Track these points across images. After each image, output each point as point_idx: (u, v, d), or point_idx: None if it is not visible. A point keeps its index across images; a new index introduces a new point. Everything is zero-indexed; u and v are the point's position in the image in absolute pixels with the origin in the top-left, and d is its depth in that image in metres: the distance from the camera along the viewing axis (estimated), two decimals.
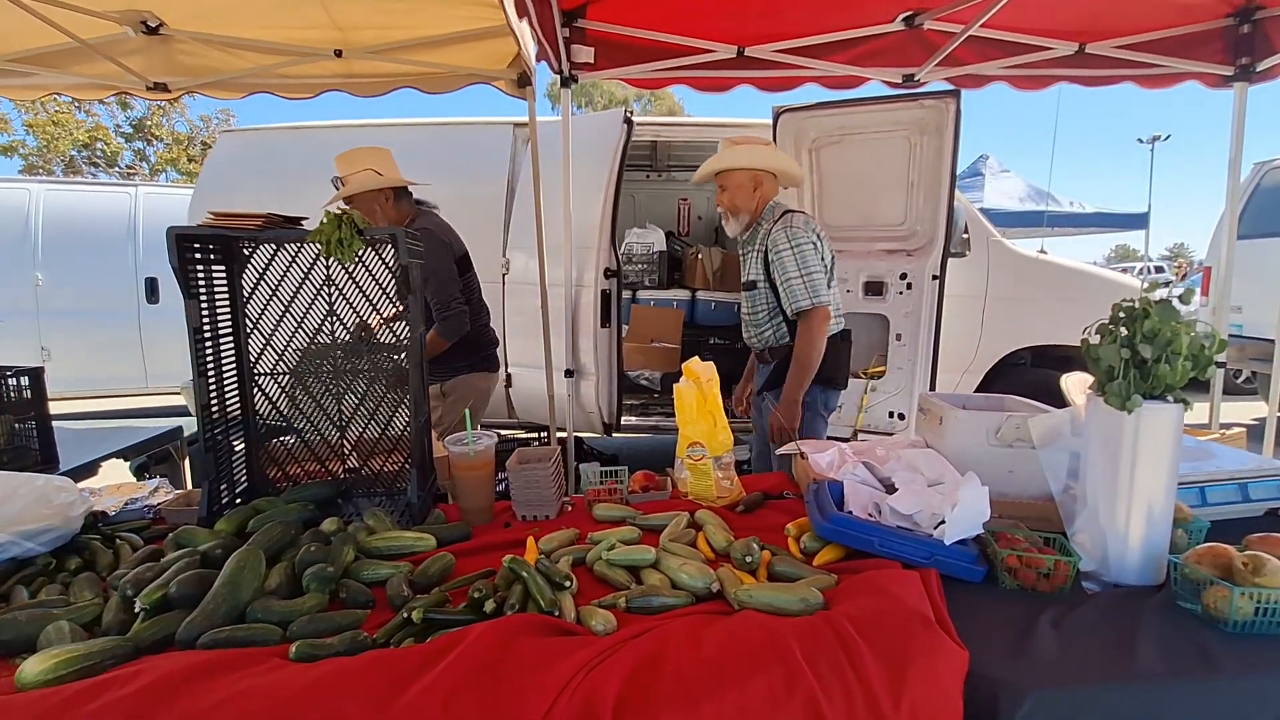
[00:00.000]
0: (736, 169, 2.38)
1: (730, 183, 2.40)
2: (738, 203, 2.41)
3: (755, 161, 2.39)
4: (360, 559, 1.39)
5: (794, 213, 2.38)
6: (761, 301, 2.45)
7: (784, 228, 2.32)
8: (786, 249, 2.30)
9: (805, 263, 2.29)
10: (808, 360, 2.30)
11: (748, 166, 2.38)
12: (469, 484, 1.65)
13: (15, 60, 3.16)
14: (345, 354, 1.76)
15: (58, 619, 1.14)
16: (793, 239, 2.30)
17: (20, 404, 2.29)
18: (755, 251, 2.42)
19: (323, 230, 1.50)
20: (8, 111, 16.15)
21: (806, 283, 2.29)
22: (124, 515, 1.65)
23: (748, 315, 2.54)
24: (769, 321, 2.46)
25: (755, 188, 2.40)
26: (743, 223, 2.44)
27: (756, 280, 2.43)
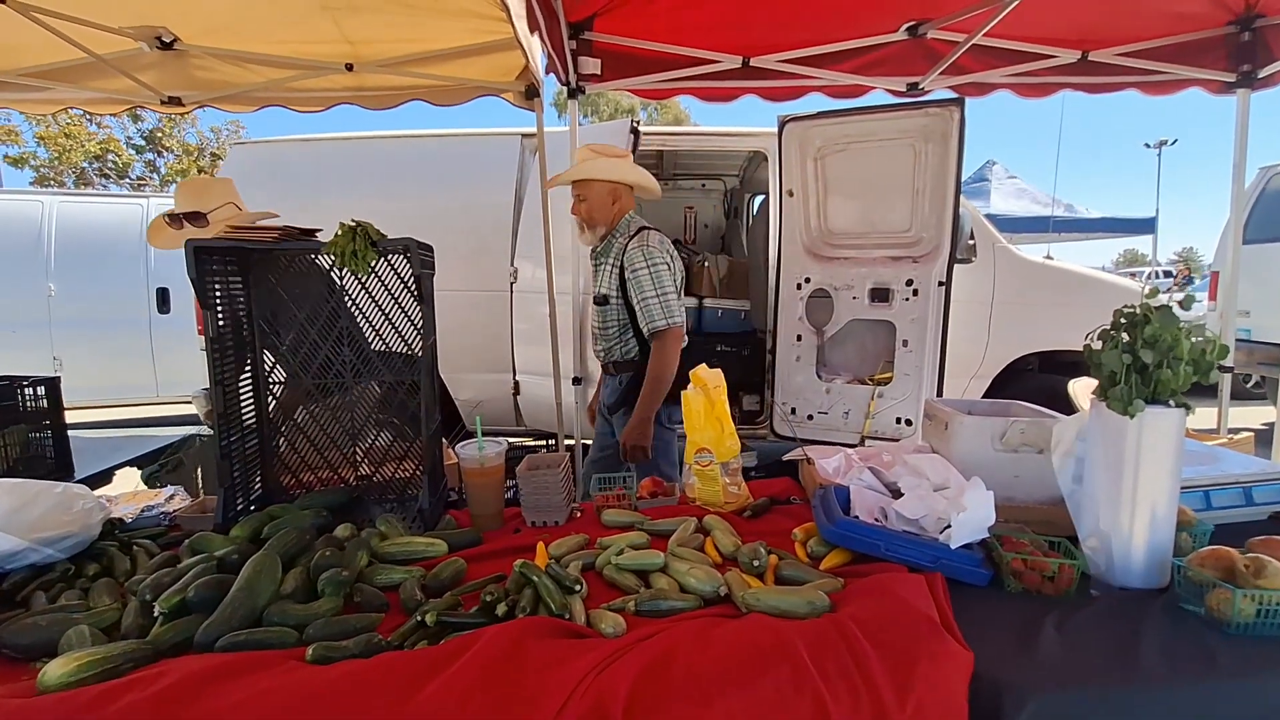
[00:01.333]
0: (596, 180, 2.35)
1: (589, 193, 2.37)
2: (595, 215, 2.38)
3: (616, 174, 2.36)
4: (373, 564, 1.42)
5: (649, 230, 2.38)
6: (613, 316, 2.43)
7: (640, 246, 2.31)
8: (643, 268, 2.28)
9: (661, 283, 2.28)
10: (662, 380, 2.29)
11: (609, 179, 2.35)
12: (479, 490, 1.67)
13: (31, 75, 3.23)
14: (356, 363, 1.79)
15: (78, 623, 1.16)
16: (649, 258, 2.29)
17: (36, 414, 2.33)
18: (610, 265, 2.40)
19: (337, 242, 1.54)
20: (19, 124, 16.39)
21: (662, 303, 2.28)
22: (140, 522, 1.68)
23: (598, 329, 2.50)
24: (619, 336, 2.44)
25: (614, 200, 2.38)
26: (599, 234, 2.42)
27: (610, 295, 2.41)
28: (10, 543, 1.32)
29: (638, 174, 2.44)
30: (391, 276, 1.69)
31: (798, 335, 3.71)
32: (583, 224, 2.42)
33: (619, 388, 2.50)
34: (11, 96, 3.33)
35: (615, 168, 2.37)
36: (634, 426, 2.30)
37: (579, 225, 2.44)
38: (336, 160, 4.35)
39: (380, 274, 1.70)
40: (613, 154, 2.41)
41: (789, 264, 3.70)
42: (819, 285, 3.63)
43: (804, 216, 3.64)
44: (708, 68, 3.32)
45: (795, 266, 3.68)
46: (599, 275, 2.47)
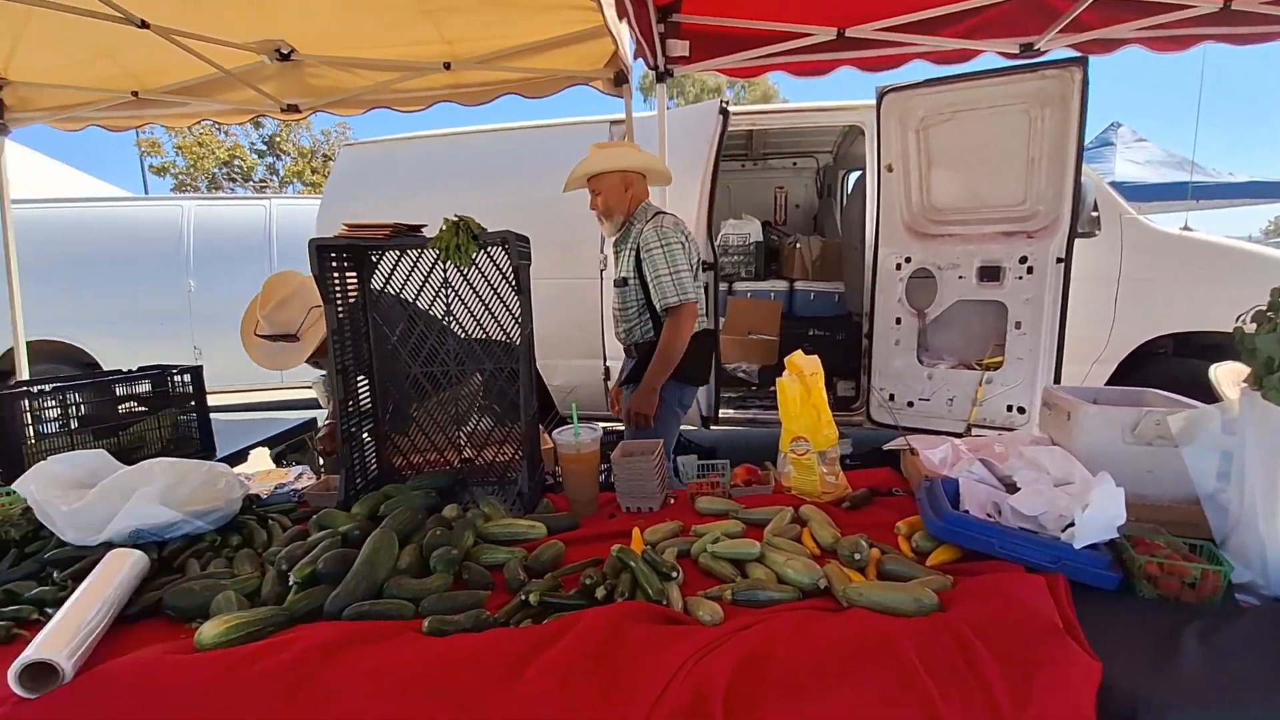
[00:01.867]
0: (608, 172, 2.44)
1: (602, 186, 2.46)
2: (611, 205, 2.47)
3: (625, 164, 2.46)
4: (479, 543, 1.49)
5: (664, 214, 2.46)
6: (632, 298, 2.51)
7: (655, 228, 2.39)
8: (657, 247, 2.36)
9: (674, 261, 2.36)
10: (671, 352, 2.37)
11: (619, 169, 2.45)
12: (575, 476, 1.71)
13: (172, 92, 3.57)
14: (460, 351, 1.87)
15: (225, 589, 1.29)
16: (663, 238, 2.37)
17: (183, 398, 2.60)
18: (628, 250, 2.49)
19: (441, 237, 1.61)
20: (160, 136, 18.17)
21: (674, 280, 2.35)
22: (274, 499, 1.84)
23: (618, 311, 2.59)
24: (638, 318, 2.53)
25: (626, 189, 2.47)
26: (617, 224, 2.51)
27: (628, 278, 2.49)
28: (169, 515, 1.48)
29: (646, 160, 2.54)
30: (491, 268, 1.75)
31: (897, 318, 3.55)
32: (601, 216, 2.53)
33: (633, 366, 2.59)
34: (156, 113, 3.70)
35: (623, 157, 2.48)
36: (640, 394, 2.39)
37: (598, 218, 2.55)
38: (436, 156, 4.55)
39: (481, 266, 1.77)
40: (620, 146, 2.55)
41: (887, 243, 3.53)
42: (921, 265, 3.45)
43: (904, 192, 3.46)
44: (800, 41, 3.20)
45: (894, 246, 3.52)
46: (618, 260, 2.57)
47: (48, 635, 1.09)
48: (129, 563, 1.33)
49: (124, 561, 1.33)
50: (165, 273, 6.33)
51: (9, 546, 1.50)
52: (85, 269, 6.17)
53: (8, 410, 2.08)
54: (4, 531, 1.53)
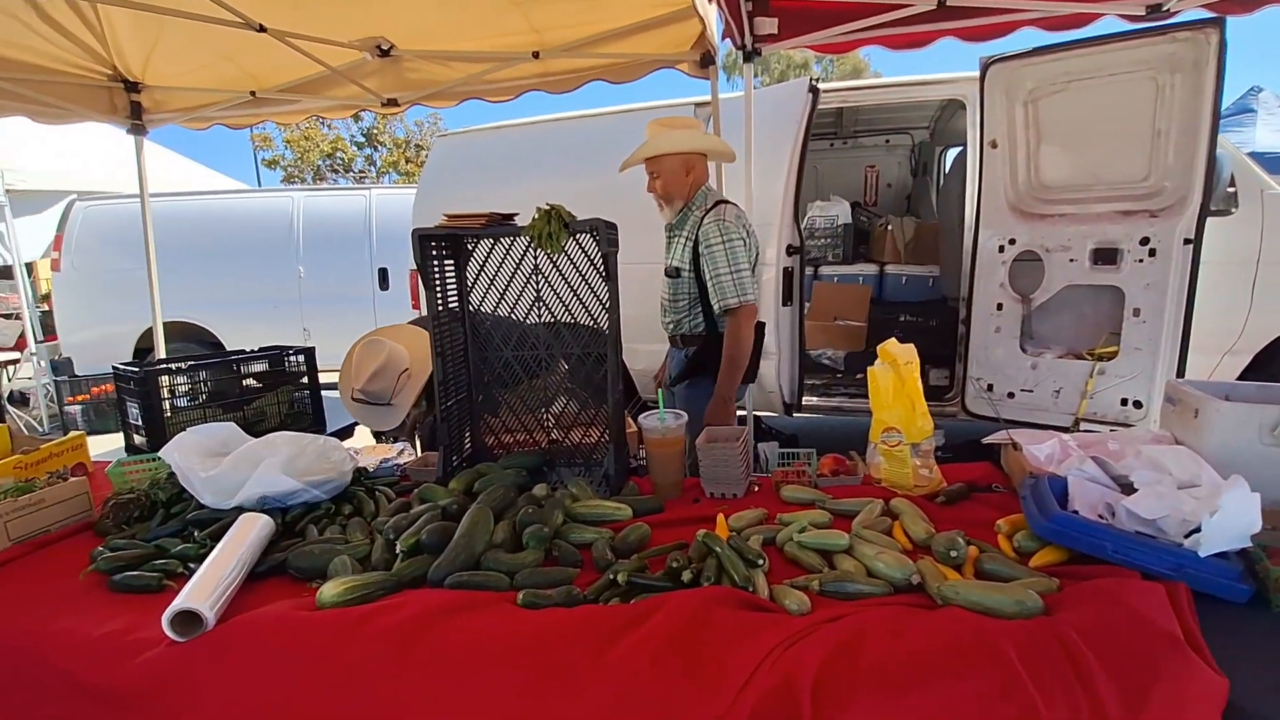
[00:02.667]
0: (670, 154, 2.28)
1: (662, 169, 2.31)
2: (671, 189, 2.33)
3: (689, 145, 2.31)
4: (568, 522, 1.54)
5: (726, 204, 2.33)
6: (684, 290, 2.39)
7: (717, 221, 2.24)
8: (719, 243, 2.23)
9: (735, 259, 2.23)
10: (739, 357, 2.26)
11: (683, 150, 2.30)
12: (660, 460, 1.74)
13: (284, 90, 3.82)
14: (548, 336, 1.93)
15: (340, 554, 1.40)
16: (724, 234, 2.23)
17: (297, 376, 2.81)
18: (684, 238, 2.35)
19: (534, 225, 1.65)
20: (270, 131, 19.47)
21: (735, 280, 2.23)
22: (379, 472, 1.97)
23: (668, 301, 2.47)
24: (689, 310, 2.41)
25: (687, 172, 2.32)
26: (676, 209, 2.37)
27: (682, 268, 2.36)
28: (290, 484, 1.62)
29: (709, 141, 2.42)
30: (580, 255, 1.79)
31: (998, 304, 3.36)
32: (660, 201, 2.40)
33: (684, 361, 2.49)
34: (271, 110, 3.97)
35: (685, 139, 2.34)
36: (716, 408, 2.27)
37: (657, 202, 2.43)
38: (525, 144, 4.65)
39: (570, 253, 1.81)
40: (682, 125, 2.39)
41: (990, 224, 3.34)
42: (1026, 247, 3.24)
43: (1009, 170, 3.25)
44: (896, 13, 3.03)
45: (997, 226, 3.32)
46: (672, 248, 2.45)
47: (193, 588, 1.22)
48: (258, 526, 1.47)
49: (254, 525, 1.46)
50: (278, 259, 6.81)
51: (157, 507, 1.69)
52: (210, 256, 6.74)
53: (152, 385, 2.32)
54: (154, 494, 1.71)
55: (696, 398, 2.35)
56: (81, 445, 2.21)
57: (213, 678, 1.13)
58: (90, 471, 2.22)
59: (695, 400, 2.34)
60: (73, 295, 6.69)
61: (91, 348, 6.79)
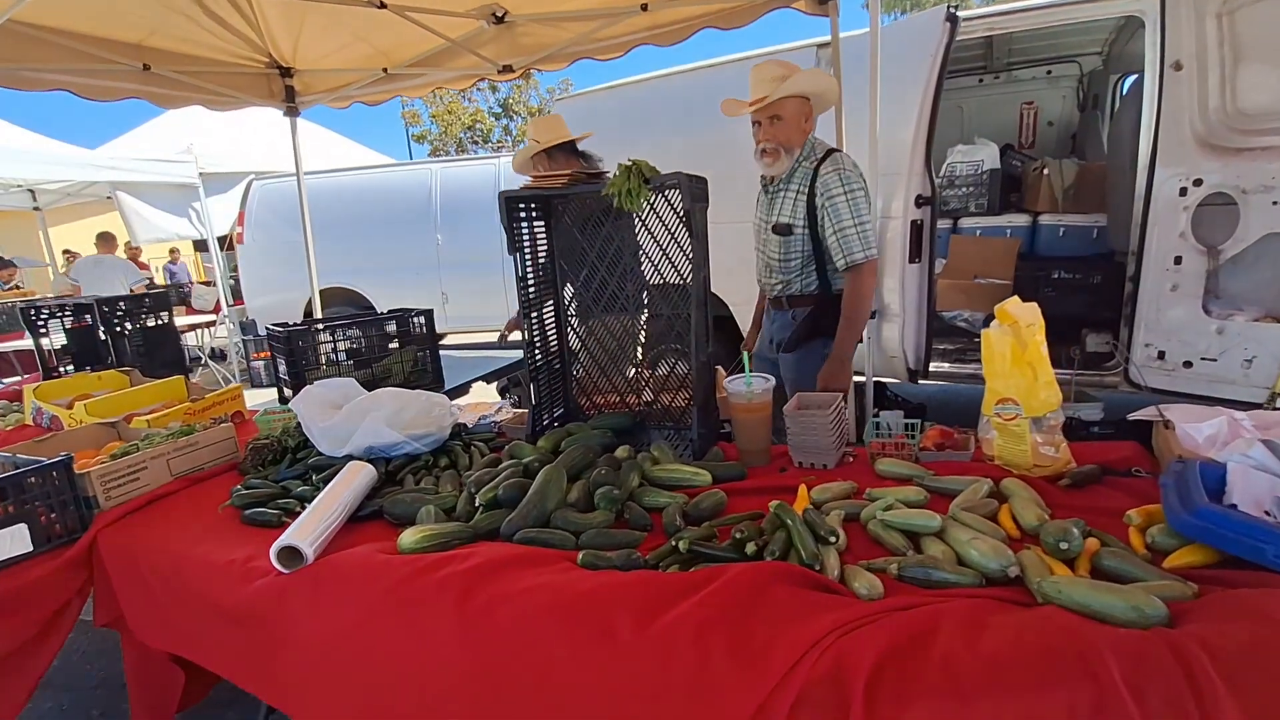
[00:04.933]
0: (793, 96, 2.09)
1: (785, 113, 2.10)
2: (792, 138, 2.13)
3: (813, 86, 2.13)
4: (643, 485, 1.52)
5: (838, 153, 2.16)
6: (797, 248, 2.20)
7: (836, 170, 2.08)
8: (840, 195, 2.06)
9: (859, 212, 2.08)
10: (860, 317, 2.14)
11: (811, 91, 2.12)
12: (746, 426, 1.66)
13: (412, 65, 4.02)
14: (637, 297, 1.89)
15: (429, 503, 1.48)
16: (846, 184, 2.07)
17: (420, 337, 3.00)
18: (794, 192, 2.16)
19: (615, 182, 1.61)
20: (419, 108, 20.82)
21: (860, 234, 2.08)
22: (478, 428, 2.06)
23: (779, 260, 2.25)
24: (801, 270, 2.23)
25: (806, 119, 2.15)
26: (793, 158, 2.16)
27: (794, 224, 2.17)
28: (393, 436, 1.73)
29: (826, 81, 2.28)
30: (667, 211, 1.72)
31: (1176, 257, 2.86)
32: (778, 149, 2.15)
33: (792, 323, 2.31)
34: (401, 85, 4.20)
35: (812, 79, 2.17)
36: (835, 369, 2.13)
37: (769, 153, 2.17)
38: (638, 102, 4.58)
39: (657, 209, 1.75)
40: (789, 69, 2.18)
41: (1170, 162, 2.82)
42: (1216, 189, 2.71)
43: (1197, 96, 2.71)
44: None
45: (1179, 165, 2.80)
46: (778, 203, 2.22)
47: (298, 526, 1.34)
48: (362, 474, 1.59)
49: (358, 472, 1.58)
50: (419, 228, 7.31)
51: (286, 452, 1.88)
52: (363, 227, 7.37)
53: (295, 344, 2.58)
54: (284, 440, 1.91)
55: (811, 361, 2.22)
56: (238, 396, 2.52)
57: (307, 605, 1.24)
58: (246, 419, 2.53)
59: (810, 364, 2.21)
60: (253, 265, 7.62)
61: (271, 311, 7.73)
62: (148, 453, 1.76)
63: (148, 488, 1.75)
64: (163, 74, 3.61)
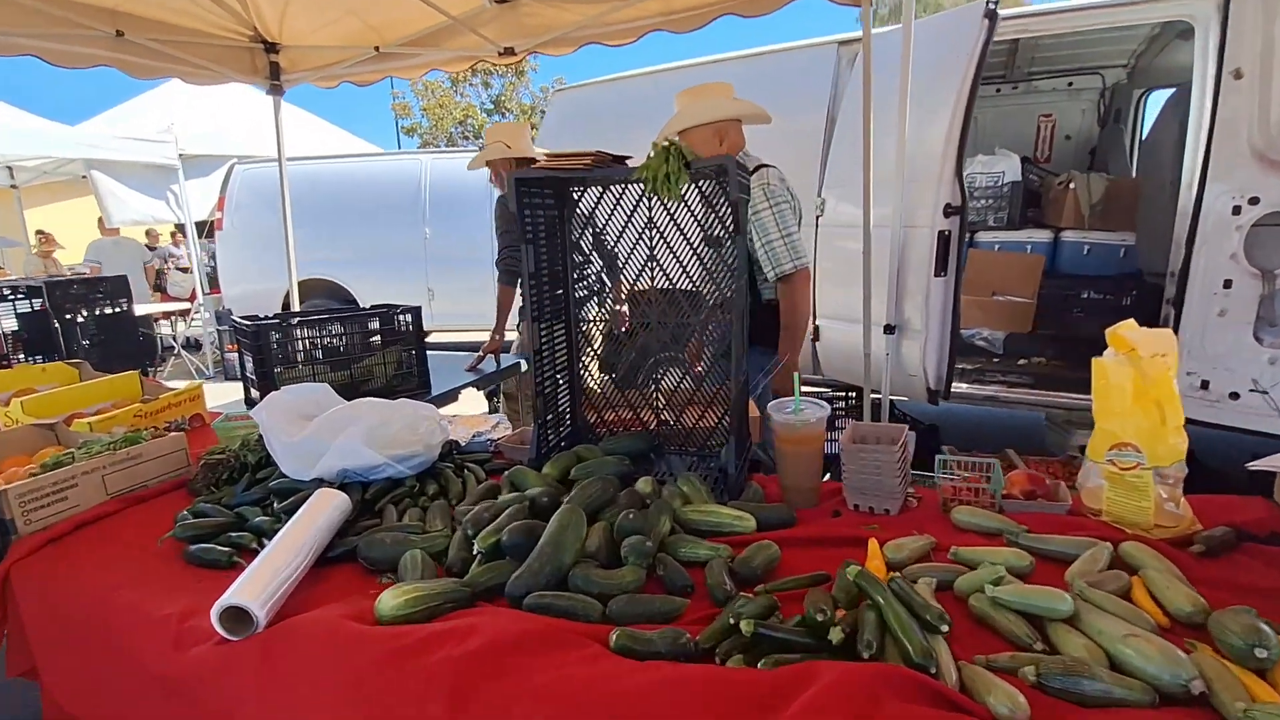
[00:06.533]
0: (698, 126, 2.14)
1: (694, 141, 2.14)
2: None
3: (720, 113, 2.17)
4: (676, 531, 1.26)
5: (768, 167, 2.19)
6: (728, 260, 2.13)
7: (760, 186, 2.13)
8: (765, 209, 2.12)
9: (785, 223, 2.15)
10: (798, 325, 2.21)
11: (712, 120, 2.15)
12: (794, 460, 1.41)
13: (406, 44, 3.73)
14: (661, 303, 1.64)
15: (414, 546, 1.21)
16: (771, 198, 2.12)
17: (406, 336, 2.71)
18: None
19: (649, 165, 1.35)
20: (410, 100, 20.41)
21: (788, 244, 2.14)
22: (471, 447, 1.79)
23: None
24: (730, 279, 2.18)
25: (721, 141, 2.18)
26: None
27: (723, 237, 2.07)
28: (372, 457, 1.46)
29: (740, 107, 2.23)
30: (701, 206, 1.47)
31: (1225, 280, 2.67)
32: None
33: None
34: (395, 65, 3.91)
35: (713, 108, 2.18)
36: (784, 377, 2.16)
37: None
38: (645, 96, 4.33)
39: (690, 203, 1.49)
40: (710, 93, 2.23)
41: (1224, 177, 2.63)
42: (1275, 207, 2.52)
43: (1259, 106, 2.52)
44: None
45: (1234, 181, 2.61)
46: None
47: (248, 578, 1.07)
48: (332, 505, 1.31)
49: (327, 504, 1.30)
50: (407, 220, 6.99)
51: (245, 469, 1.59)
52: (347, 216, 7.04)
53: (264, 340, 2.29)
54: (243, 455, 1.62)
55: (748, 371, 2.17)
56: (198, 396, 2.22)
57: (255, 684, 0.97)
58: (206, 423, 2.24)
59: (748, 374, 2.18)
60: (232, 252, 7.25)
61: (248, 300, 7.36)
62: (79, 466, 1.47)
63: (77, 509, 1.45)
64: (137, 42, 3.29)
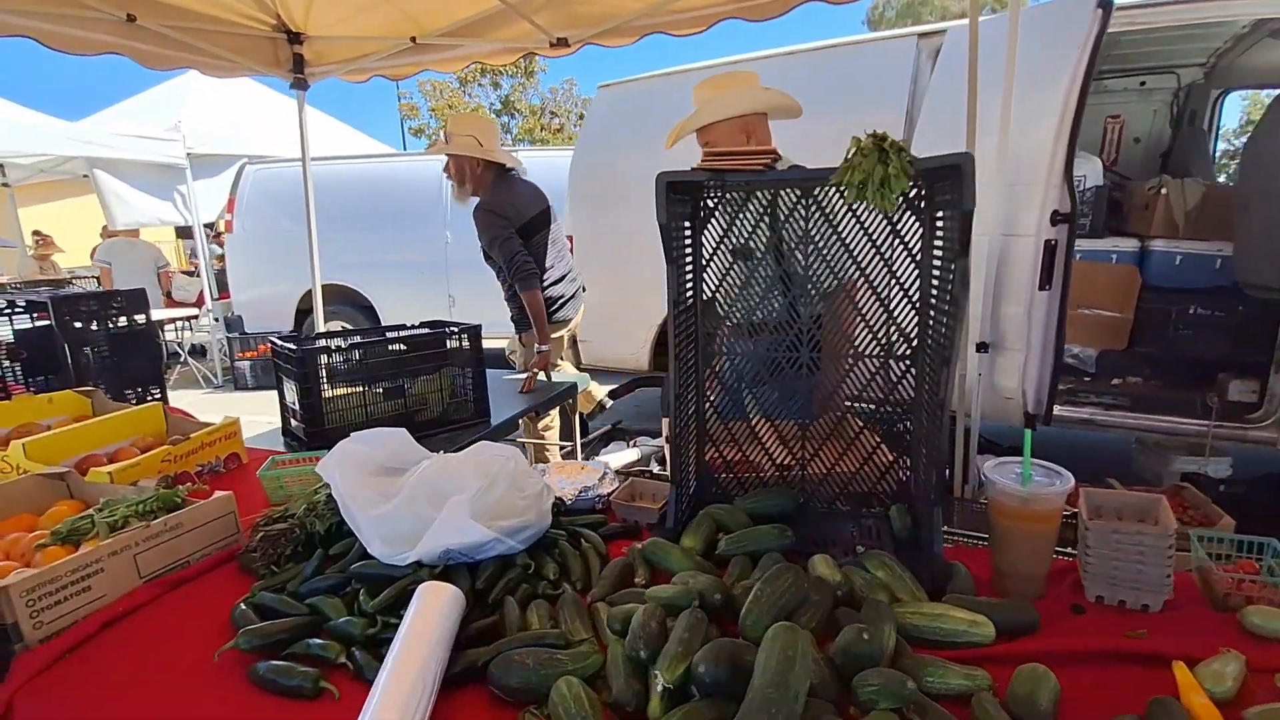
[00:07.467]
0: (721, 121, 2.00)
1: (717, 137, 2.03)
2: None
3: (745, 106, 2.02)
4: (898, 645, 0.96)
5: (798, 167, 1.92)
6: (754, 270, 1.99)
7: None
8: None
9: None
10: None
11: (739, 114, 2.02)
12: (1021, 541, 1.11)
13: (445, 34, 3.44)
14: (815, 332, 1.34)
15: (565, 670, 0.92)
16: None
17: (462, 357, 2.41)
18: None
19: (852, 167, 1.05)
20: (418, 101, 20.11)
21: None
22: (578, 505, 1.49)
23: None
24: None
25: (747, 137, 2.04)
26: None
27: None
28: (482, 534, 1.15)
29: (769, 98, 2.07)
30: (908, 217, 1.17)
31: None
32: None
33: None
34: (432, 58, 3.62)
35: (741, 98, 2.04)
36: None
37: None
38: None
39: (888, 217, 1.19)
40: (734, 83, 2.10)
41: None
42: None
43: None
44: None
45: None
46: None
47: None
48: (448, 606, 1.01)
49: (442, 604, 1.00)
50: (427, 225, 6.68)
51: (314, 543, 1.29)
52: (364, 220, 6.72)
53: (311, 368, 1.99)
54: (309, 522, 1.32)
55: None
56: (235, 433, 1.91)
57: None
58: (244, 462, 1.94)
59: None
60: (242, 256, 6.94)
61: (258, 306, 7.05)
62: (105, 546, 1.16)
63: (103, 601, 1.14)
64: (150, 28, 3.00)
